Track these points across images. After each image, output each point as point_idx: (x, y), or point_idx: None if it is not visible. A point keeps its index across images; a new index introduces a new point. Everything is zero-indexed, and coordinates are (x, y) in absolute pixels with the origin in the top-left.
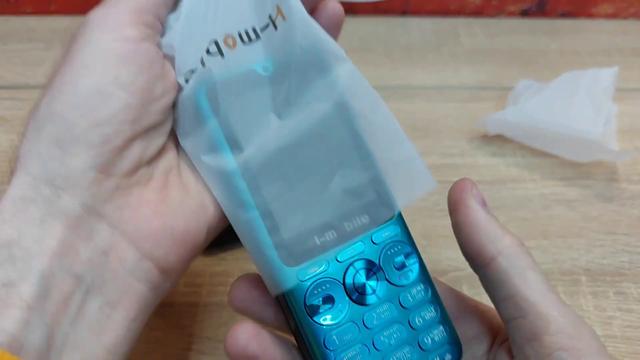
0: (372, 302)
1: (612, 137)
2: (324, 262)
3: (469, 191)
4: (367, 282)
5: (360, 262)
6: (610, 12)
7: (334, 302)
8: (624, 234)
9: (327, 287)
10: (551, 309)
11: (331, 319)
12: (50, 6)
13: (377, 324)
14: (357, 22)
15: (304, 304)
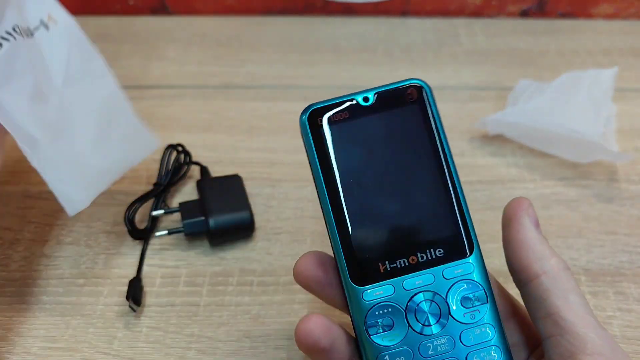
0: (431, 333)
1: (612, 137)
2: (391, 287)
3: (525, 210)
4: (429, 314)
5: (426, 294)
6: (610, 13)
7: (393, 326)
8: (623, 234)
9: (388, 311)
10: (589, 330)
11: (387, 341)
12: None
13: (432, 354)
14: (357, 22)
15: (364, 322)
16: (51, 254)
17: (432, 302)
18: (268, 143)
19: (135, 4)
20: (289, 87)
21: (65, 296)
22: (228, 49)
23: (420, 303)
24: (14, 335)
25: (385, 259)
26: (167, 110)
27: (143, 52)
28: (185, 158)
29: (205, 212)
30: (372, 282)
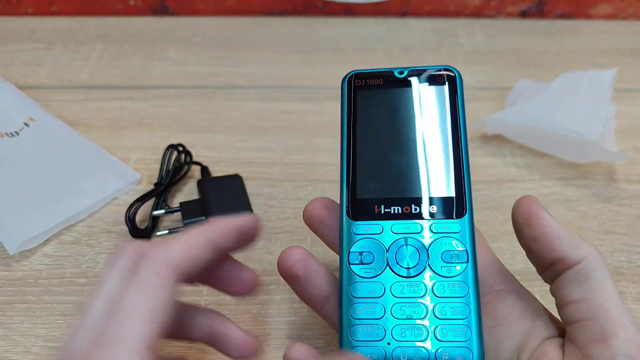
0: (406, 275)
1: (611, 137)
2: (379, 227)
3: (539, 205)
4: (408, 258)
5: (411, 240)
6: (609, 13)
7: (372, 262)
8: (622, 233)
9: (372, 247)
10: (625, 318)
11: (364, 272)
12: (51, 7)
13: (402, 296)
14: (357, 23)
15: (348, 252)
16: (53, 254)
17: (415, 249)
18: (268, 143)
19: (136, 5)
20: (289, 87)
21: (67, 295)
22: (228, 49)
23: (402, 247)
24: (16, 334)
25: (381, 202)
26: (168, 110)
27: (143, 52)
28: (185, 158)
29: (205, 212)
30: (365, 219)
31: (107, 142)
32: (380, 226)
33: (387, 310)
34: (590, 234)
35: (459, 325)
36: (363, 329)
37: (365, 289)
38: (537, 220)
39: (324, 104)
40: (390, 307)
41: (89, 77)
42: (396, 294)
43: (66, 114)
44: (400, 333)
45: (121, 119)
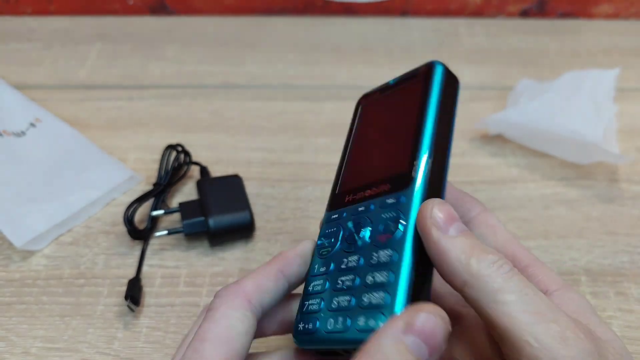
0: (351, 249)
1: (613, 137)
2: (343, 212)
3: (427, 217)
4: (354, 233)
5: (360, 217)
6: (611, 12)
7: (332, 241)
8: (624, 234)
9: (334, 229)
10: (525, 332)
11: (325, 251)
12: (49, 6)
13: (342, 268)
14: (357, 22)
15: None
16: (51, 254)
17: (360, 225)
18: (268, 143)
19: (135, 4)
20: (289, 87)
21: (65, 296)
22: (228, 49)
23: (356, 225)
24: (14, 335)
25: (350, 193)
26: (167, 110)
27: (143, 52)
28: (185, 158)
29: (205, 212)
30: (334, 209)
31: (105, 142)
32: (343, 211)
33: (328, 284)
34: (592, 234)
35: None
36: (309, 304)
37: (318, 267)
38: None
39: (324, 104)
40: (331, 280)
41: (87, 77)
42: (338, 267)
43: (64, 114)
44: (331, 303)
45: (120, 118)
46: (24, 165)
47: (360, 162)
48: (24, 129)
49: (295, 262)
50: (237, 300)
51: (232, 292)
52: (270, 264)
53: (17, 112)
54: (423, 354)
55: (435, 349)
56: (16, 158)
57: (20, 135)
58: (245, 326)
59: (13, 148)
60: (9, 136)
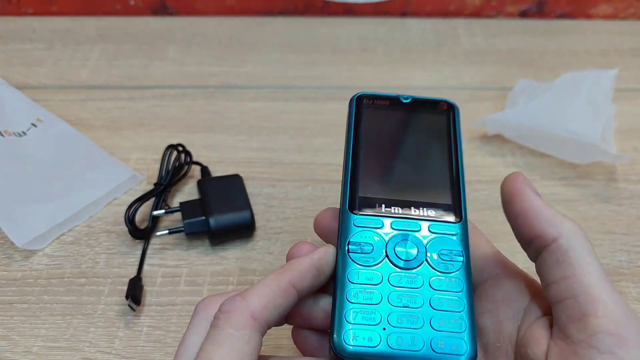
0: (404, 267)
1: (611, 137)
2: (381, 221)
3: (524, 181)
4: (407, 251)
5: (410, 236)
6: (609, 13)
7: (372, 252)
8: (622, 233)
9: (372, 238)
10: (604, 293)
11: (362, 261)
12: (51, 7)
13: (400, 285)
14: (357, 23)
15: (348, 242)
16: (52, 254)
17: (413, 244)
18: (268, 143)
19: (136, 4)
20: (289, 87)
21: (66, 295)
22: (228, 49)
23: (402, 241)
24: (15, 334)
25: (382, 202)
26: (168, 110)
27: (143, 52)
28: (185, 158)
29: (205, 212)
30: (366, 214)
31: (106, 142)
32: (380, 221)
33: (384, 298)
34: (591, 233)
35: (454, 317)
36: (358, 313)
37: (363, 276)
38: (518, 197)
39: (324, 104)
40: (388, 294)
41: (88, 77)
42: (394, 283)
43: (66, 114)
44: (396, 319)
45: (121, 119)
46: (25, 165)
47: (384, 170)
48: (25, 129)
49: (310, 274)
50: (242, 320)
51: (238, 309)
52: (281, 275)
53: (18, 112)
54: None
55: None
56: (17, 158)
57: (21, 135)
58: (251, 347)
59: (14, 148)
60: (10, 136)
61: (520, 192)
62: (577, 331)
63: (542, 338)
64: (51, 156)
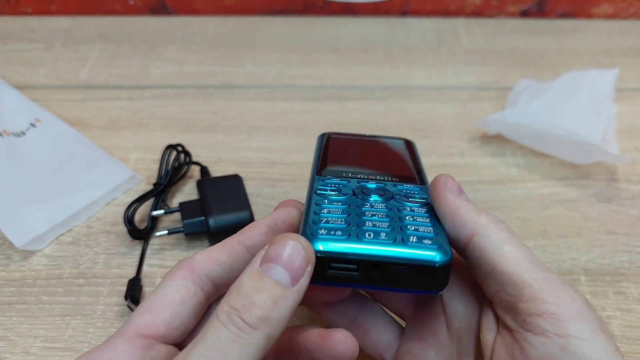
0: (373, 200)
1: (612, 138)
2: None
3: (444, 184)
4: (374, 193)
5: (376, 185)
6: (610, 13)
7: (339, 192)
8: (623, 234)
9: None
10: (527, 277)
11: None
12: (50, 6)
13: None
14: (357, 22)
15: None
16: (51, 254)
17: (381, 190)
18: (268, 143)
19: (135, 4)
20: (289, 87)
21: (65, 296)
22: (228, 48)
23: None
24: (14, 335)
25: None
26: (167, 110)
27: (143, 52)
28: (185, 158)
29: (205, 212)
30: (333, 176)
31: (106, 142)
32: (347, 180)
33: (352, 212)
34: (591, 234)
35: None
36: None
37: (331, 201)
38: (437, 200)
39: (324, 104)
40: (358, 216)
41: (88, 77)
42: (364, 210)
43: (65, 114)
44: (365, 222)
45: (120, 118)
46: (24, 165)
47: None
48: (24, 129)
49: (259, 231)
50: (180, 272)
51: (179, 264)
52: (231, 236)
53: (17, 112)
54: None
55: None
56: (16, 158)
57: (20, 135)
58: (181, 296)
59: (13, 148)
60: (9, 136)
61: (439, 194)
62: (512, 320)
63: (493, 324)
64: (50, 156)
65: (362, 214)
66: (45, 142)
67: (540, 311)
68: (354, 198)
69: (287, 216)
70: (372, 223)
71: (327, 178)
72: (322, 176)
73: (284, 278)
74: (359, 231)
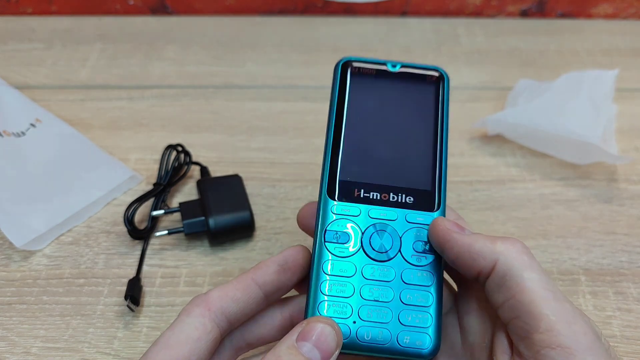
0: (378, 259)
1: (612, 138)
2: (358, 209)
3: (444, 227)
4: (382, 242)
5: (386, 226)
6: (610, 13)
7: (347, 242)
8: (623, 234)
9: (349, 228)
10: (544, 307)
11: (338, 252)
12: (50, 6)
13: (372, 278)
14: (357, 22)
15: (325, 230)
16: (51, 254)
17: (389, 235)
18: (268, 143)
19: (135, 4)
20: (289, 87)
21: (65, 296)
22: (228, 49)
23: (378, 231)
24: (14, 335)
25: (361, 187)
26: (167, 110)
27: (143, 52)
28: (185, 158)
29: (205, 212)
30: (344, 200)
31: (106, 142)
32: (358, 209)
33: (356, 290)
34: (591, 234)
35: (421, 312)
36: (331, 306)
37: (337, 268)
38: (447, 245)
39: (324, 104)
40: (360, 287)
41: (88, 77)
42: (367, 275)
43: (65, 114)
44: (366, 313)
45: (120, 119)
46: (24, 165)
47: (366, 151)
48: (24, 129)
49: (270, 269)
50: (197, 309)
51: (196, 300)
52: (244, 272)
53: (17, 113)
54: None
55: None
56: (16, 158)
57: (20, 135)
58: (198, 333)
59: (13, 148)
60: (9, 136)
61: (446, 241)
62: (526, 349)
63: (507, 348)
64: (50, 156)
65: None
66: (46, 142)
67: (554, 344)
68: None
69: (297, 256)
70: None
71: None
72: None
73: (315, 356)
74: (359, 328)
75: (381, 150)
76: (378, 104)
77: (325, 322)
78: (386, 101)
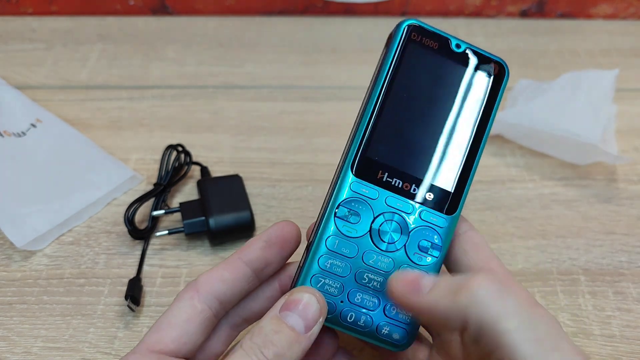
0: (383, 248)
1: (611, 138)
2: (377, 192)
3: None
4: (391, 233)
5: (399, 217)
6: (610, 13)
7: (358, 223)
8: (622, 234)
9: (362, 209)
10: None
11: (345, 230)
12: (51, 6)
13: (371, 265)
14: (357, 22)
15: (338, 205)
16: (52, 254)
17: (399, 227)
18: (268, 143)
19: (136, 4)
20: (289, 87)
21: (66, 296)
22: (228, 49)
23: (389, 221)
24: (15, 335)
25: (386, 170)
26: (167, 110)
27: (143, 52)
28: (185, 158)
29: (205, 212)
30: (365, 180)
31: (106, 142)
32: (377, 192)
33: (352, 272)
34: (591, 234)
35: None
36: (325, 280)
37: (340, 245)
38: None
39: (324, 104)
40: (357, 271)
41: (88, 77)
42: (367, 261)
43: (66, 114)
44: (355, 297)
45: (121, 119)
46: (24, 165)
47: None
48: (25, 130)
49: (255, 246)
50: (186, 294)
51: (186, 287)
52: (233, 254)
53: (17, 113)
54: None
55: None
56: (17, 158)
57: (20, 135)
58: (187, 314)
59: (14, 148)
60: (10, 137)
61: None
62: None
63: None
64: (51, 156)
65: (361, 277)
66: (46, 142)
67: None
68: (366, 242)
69: (281, 232)
70: (360, 299)
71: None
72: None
73: (298, 325)
74: (345, 309)
75: (417, 135)
76: (429, 83)
77: (307, 292)
78: (438, 82)
